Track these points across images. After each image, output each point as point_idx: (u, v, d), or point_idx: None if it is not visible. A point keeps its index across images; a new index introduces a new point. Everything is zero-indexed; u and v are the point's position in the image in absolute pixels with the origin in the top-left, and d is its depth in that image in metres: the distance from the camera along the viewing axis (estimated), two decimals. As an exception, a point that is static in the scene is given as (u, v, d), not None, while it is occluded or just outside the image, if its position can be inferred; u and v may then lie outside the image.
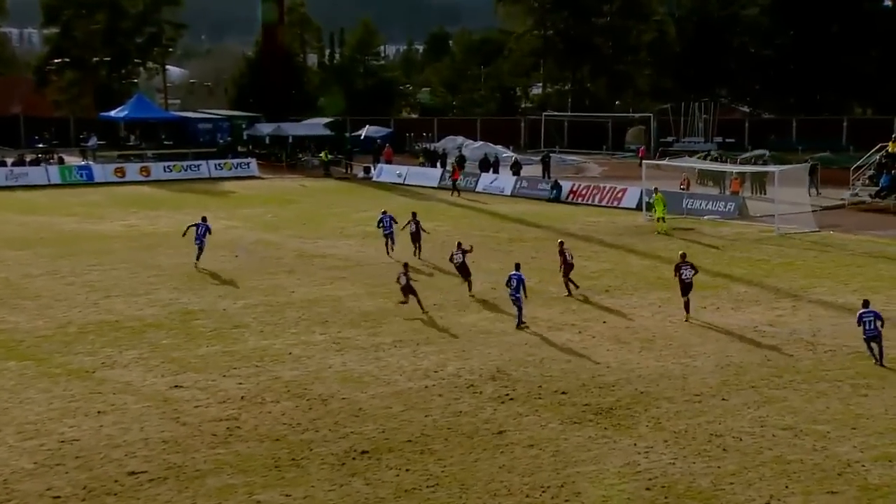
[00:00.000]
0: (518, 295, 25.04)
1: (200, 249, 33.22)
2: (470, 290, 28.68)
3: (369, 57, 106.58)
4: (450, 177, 57.82)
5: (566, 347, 23.44)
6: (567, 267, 28.90)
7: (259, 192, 54.67)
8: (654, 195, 41.89)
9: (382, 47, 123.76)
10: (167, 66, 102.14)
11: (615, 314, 26.72)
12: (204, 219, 34.17)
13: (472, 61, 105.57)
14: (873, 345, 21.84)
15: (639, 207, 46.20)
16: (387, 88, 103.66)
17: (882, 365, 21.61)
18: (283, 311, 27.05)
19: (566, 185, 52.97)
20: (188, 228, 33.81)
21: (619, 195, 49.68)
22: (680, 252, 28.23)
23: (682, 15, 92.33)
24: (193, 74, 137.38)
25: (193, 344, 23.84)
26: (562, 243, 29.77)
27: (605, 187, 51.13)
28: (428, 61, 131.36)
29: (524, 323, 25.02)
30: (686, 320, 25.71)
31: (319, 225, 43.39)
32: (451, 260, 29.38)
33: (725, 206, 45.85)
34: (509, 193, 54.64)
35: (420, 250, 35.08)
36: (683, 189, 48.89)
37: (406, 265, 27.60)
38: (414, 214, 35.59)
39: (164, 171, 63.55)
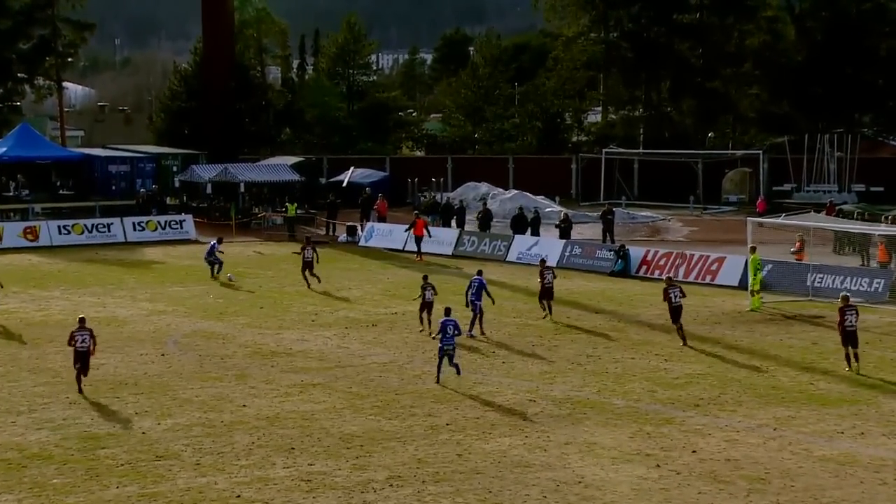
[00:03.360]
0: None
1: (212, 265, 49.96)
2: (550, 312, 40.40)
3: (356, 70, 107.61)
4: (408, 231, 58.46)
5: (639, 487, 23.27)
6: (674, 311, 36.02)
7: (197, 262, 54.73)
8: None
9: (374, 56, 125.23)
10: (65, 84, 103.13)
11: (709, 439, 26.57)
12: (220, 240, 51.60)
13: (501, 76, 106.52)
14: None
15: (742, 284, 46.18)
16: (380, 114, 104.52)
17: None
18: (229, 435, 26.98)
19: (636, 253, 53.04)
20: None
21: (714, 267, 49.65)
22: (842, 294, 34.15)
23: (805, 9, 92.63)
24: (104, 95, 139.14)
25: (98, 484, 23.71)
26: (669, 279, 37.43)
27: (693, 256, 51.14)
28: (439, 76, 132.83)
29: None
30: (857, 372, 31.99)
31: (283, 310, 43.42)
32: (541, 278, 40.84)
33: (870, 285, 45.71)
34: (555, 264, 54.68)
35: (308, 280, 46.97)
36: (795, 255, 48.77)
37: (425, 277, 38.09)
38: (308, 238, 50.46)
39: (60, 232, 63.85)
